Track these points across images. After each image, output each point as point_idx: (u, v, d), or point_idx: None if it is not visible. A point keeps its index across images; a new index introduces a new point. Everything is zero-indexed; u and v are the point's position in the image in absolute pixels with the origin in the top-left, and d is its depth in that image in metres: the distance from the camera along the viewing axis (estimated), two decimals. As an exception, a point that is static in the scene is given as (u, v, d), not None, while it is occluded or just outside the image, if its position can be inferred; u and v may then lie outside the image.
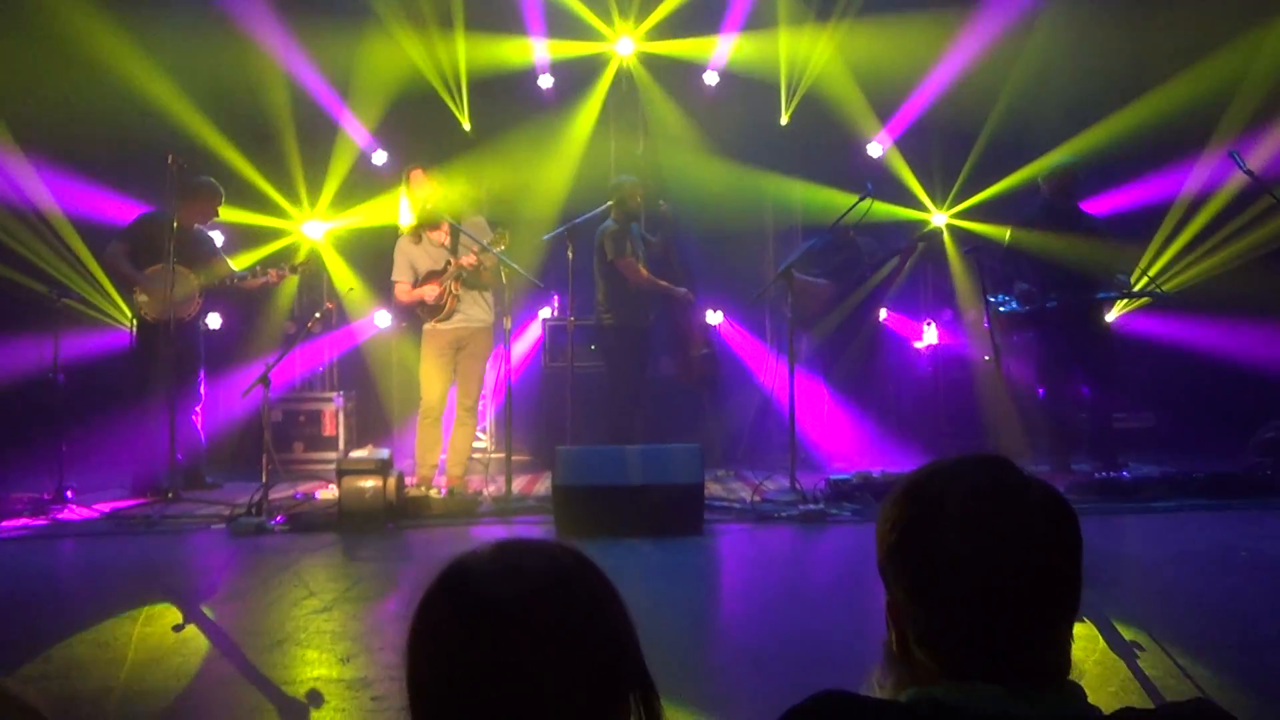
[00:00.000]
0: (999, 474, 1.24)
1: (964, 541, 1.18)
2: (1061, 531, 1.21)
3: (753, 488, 6.19)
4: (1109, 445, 6.72)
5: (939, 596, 1.20)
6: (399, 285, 6.47)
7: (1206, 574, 4.28)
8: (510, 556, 1.07)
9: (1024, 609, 1.16)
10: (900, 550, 1.23)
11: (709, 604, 4.01)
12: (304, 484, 6.77)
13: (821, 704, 1.16)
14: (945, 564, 1.19)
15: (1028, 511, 1.19)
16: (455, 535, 5.47)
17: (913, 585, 1.22)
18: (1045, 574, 1.17)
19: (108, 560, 4.92)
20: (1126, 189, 7.96)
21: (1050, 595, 1.18)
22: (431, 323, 6.43)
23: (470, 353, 6.45)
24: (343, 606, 3.84)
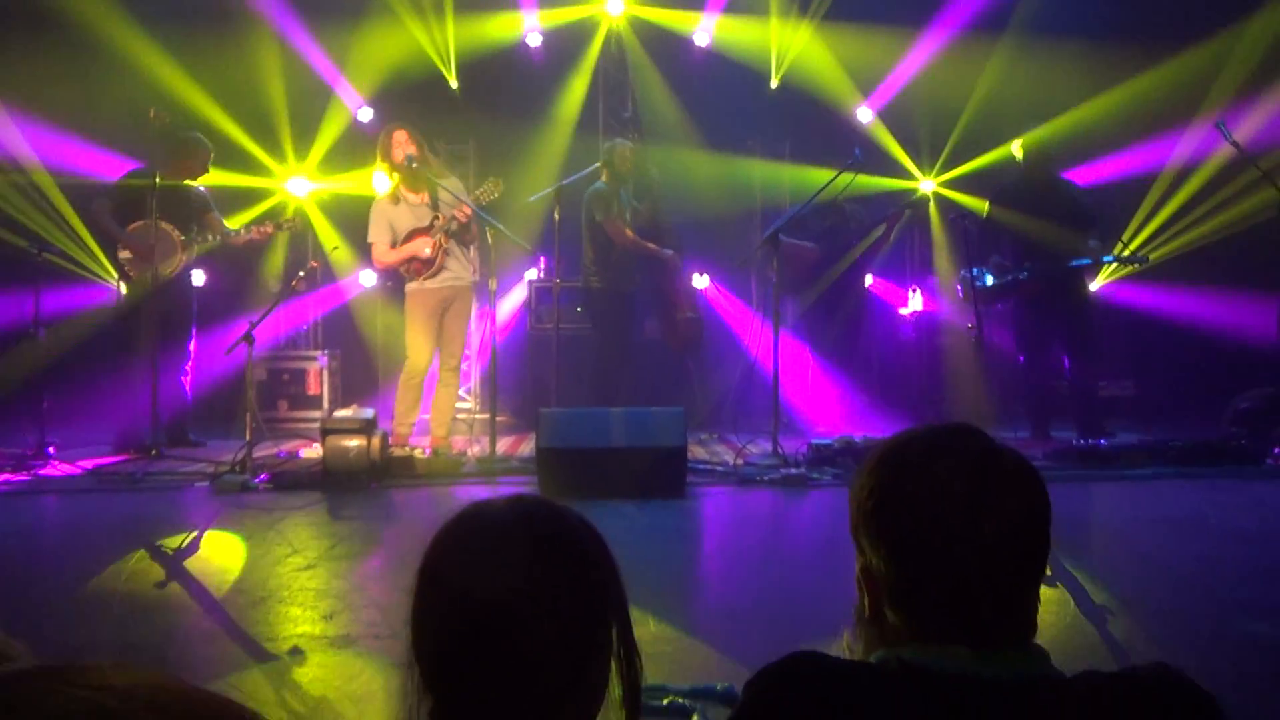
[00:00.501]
0: (971, 441, 1.27)
1: (938, 506, 1.21)
2: (1030, 497, 1.24)
3: (736, 451, 6.23)
4: (1094, 414, 6.79)
5: (911, 560, 1.23)
6: (377, 247, 6.38)
7: (1178, 541, 4.35)
8: (519, 503, 1.16)
9: (992, 572, 1.20)
10: (876, 514, 1.26)
11: (689, 564, 4.05)
12: (288, 443, 6.78)
13: (793, 664, 1.19)
14: (918, 528, 1.22)
15: (998, 477, 1.22)
16: (439, 495, 5.50)
17: (887, 548, 1.25)
18: (1014, 538, 1.20)
19: (90, 516, 4.93)
20: (1113, 158, 7.97)
21: (1018, 559, 1.21)
22: (419, 281, 6.36)
23: (455, 312, 6.43)
24: (326, 564, 3.87)
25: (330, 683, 2.65)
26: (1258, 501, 5.20)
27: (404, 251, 6.32)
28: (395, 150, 6.29)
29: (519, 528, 1.12)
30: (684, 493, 5.30)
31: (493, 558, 1.10)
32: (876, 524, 1.27)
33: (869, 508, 1.27)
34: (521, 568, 1.08)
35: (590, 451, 5.31)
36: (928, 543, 1.21)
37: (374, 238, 6.40)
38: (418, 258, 6.30)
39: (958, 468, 1.23)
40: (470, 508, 1.16)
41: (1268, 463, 5.94)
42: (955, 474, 1.22)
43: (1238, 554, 4.10)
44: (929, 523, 1.21)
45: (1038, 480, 1.26)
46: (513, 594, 1.07)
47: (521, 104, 8.69)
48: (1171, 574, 3.82)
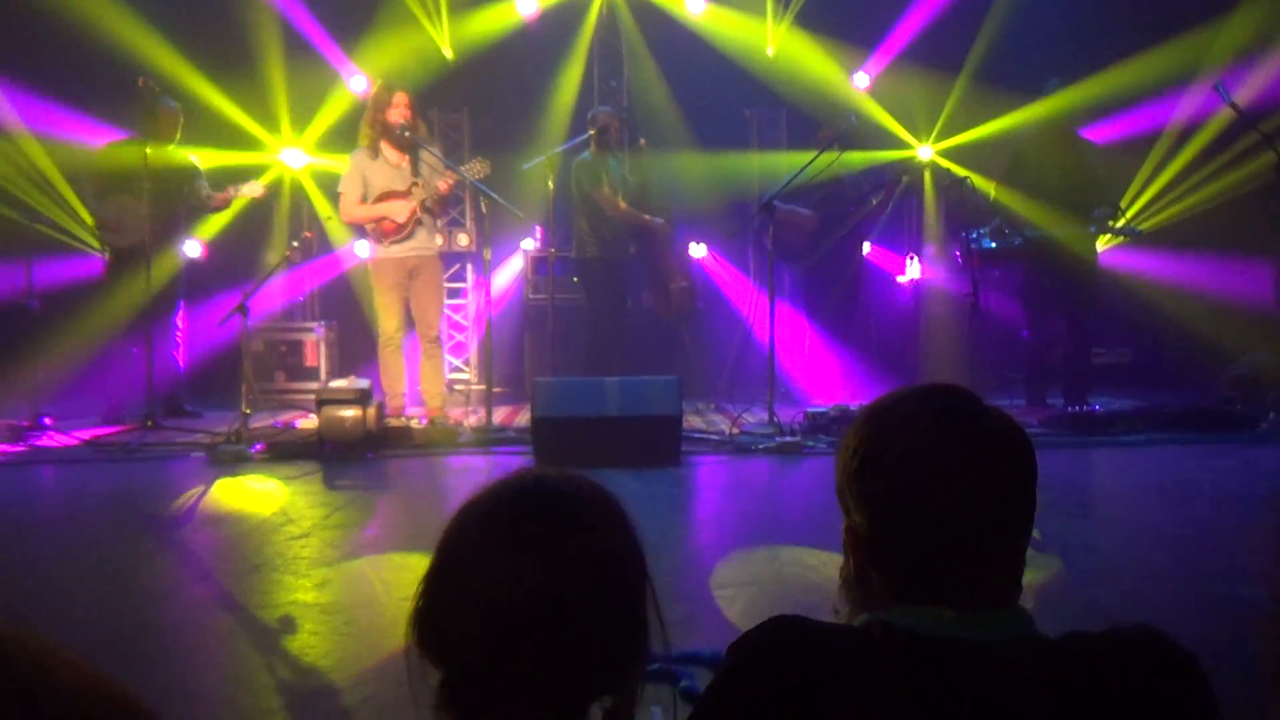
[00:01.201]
0: (957, 402, 1.26)
1: (922, 465, 1.20)
2: (1016, 458, 1.23)
3: (731, 420, 6.24)
4: (1082, 382, 6.78)
5: (895, 520, 1.22)
6: (346, 198, 6.25)
7: (1169, 506, 4.36)
8: (529, 483, 1.10)
9: (977, 533, 1.19)
10: (860, 474, 1.26)
11: (681, 532, 4.07)
12: (284, 413, 6.79)
13: (774, 629, 1.19)
14: (903, 487, 1.21)
15: (984, 437, 1.21)
16: (435, 464, 5.52)
17: (871, 509, 1.25)
18: (999, 499, 1.20)
19: (86, 486, 4.95)
20: (1113, 121, 7.91)
21: (1003, 520, 1.20)
22: (385, 245, 6.26)
23: (424, 282, 6.35)
24: (320, 533, 3.88)
25: (320, 650, 2.66)
26: (1250, 466, 5.21)
27: (377, 210, 6.21)
28: (392, 111, 6.18)
29: (536, 516, 1.06)
30: (679, 461, 5.32)
31: (512, 554, 1.03)
32: (859, 484, 1.26)
33: (852, 468, 1.27)
34: (543, 563, 1.02)
35: (585, 420, 5.32)
36: (910, 502, 1.21)
37: (344, 188, 6.28)
38: (390, 218, 6.20)
39: (940, 426, 1.22)
40: (482, 495, 1.09)
41: (1262, 427, 5.95)
42: (937, 433, 1.22)
43: (1228, 518, 4.12)
44: (911, 481, 1.21)
45: (1023, 440, 1.25)
46: (538, 591, 1.01)
47: (515, 72, 8.62)
48: (1161, 538, 3.83)
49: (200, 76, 7.83)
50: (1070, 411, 6.25)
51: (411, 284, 6.33)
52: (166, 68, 7.44)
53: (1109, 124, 7.86)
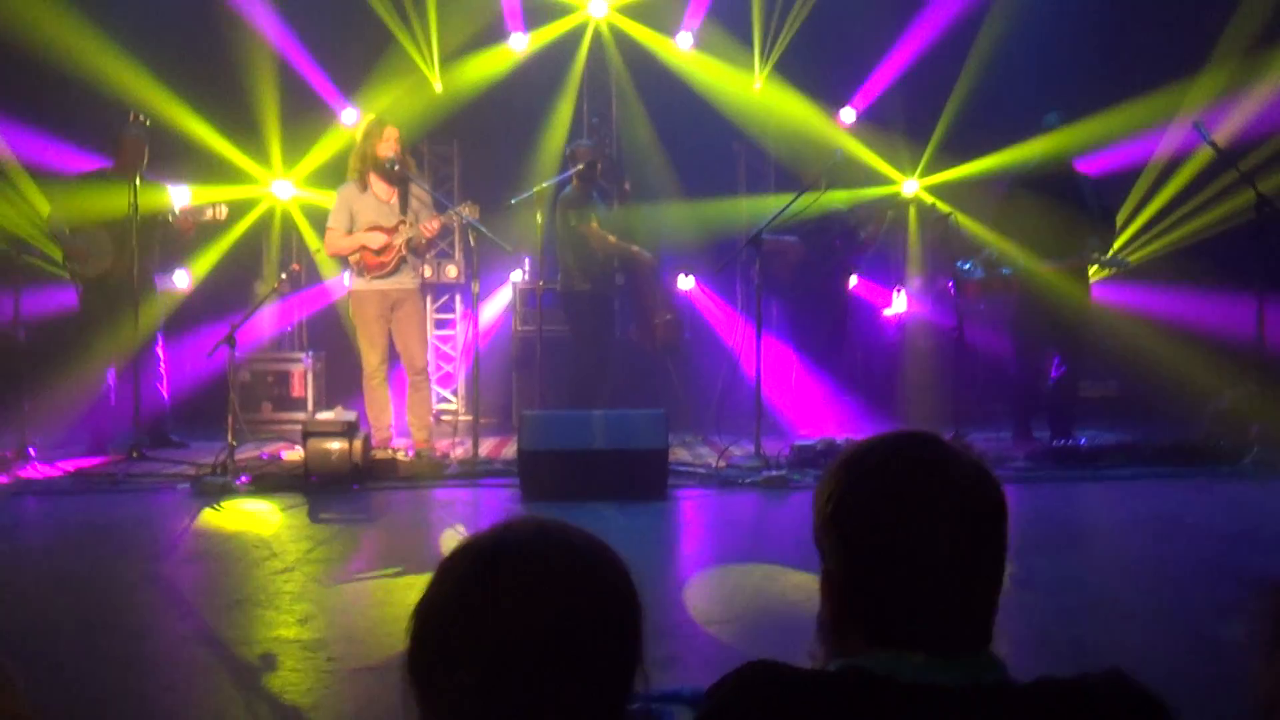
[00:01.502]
0: (928, 448, 1.28)
1: (891, 511, 1.23)
2: (986, 504, 1.26)
3: (718, 453, 6.25)
4: (1069, 416, 6.80)
5: (868, 565, 1.24)
6: (333, 231, 6.26)
7: (1152, 541, 4.38)
8: (519, 534, 1.07)
9: (947, 578, 1.21)
10: (835, 520, 1.28)
11: (666, 567, 4.06)
12: (271, 445, 6.77)
13: (749, 674, 1.20)
14: (873, 533, 1.23)
15: (953, 483, 1.24)
16: (421, 497, 5.51)
17: (845, 554, 1.27)
18: (968, 546, 1.22)
19: (69, 518, 4.92)
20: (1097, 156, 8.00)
21: (972, 566, 1.22)
22: (366, 279, 6.26)
23: (405, 315, 6.34)
24: (304, 568, 3.87)
25: (300, 688, 2.65)
26: (1232, 501, 5.24)
27: (358, 239, 6.20)
28: (381, 145, 6.20)
29: (527, 566, 1.03)
30: (665, 495, 5.31)
31: (503, 606, 1.01)
32: (834, 529, 1.28)
33: (827, 512, 1.29)
34: (532, 614, 1.01)
35: (571, 454, 5.32)
36: (883, 548, 1.23)
37: (332, 223, 6.29)
38: (369, 248, 6.19)
39: (913, 473, 1.25)
40: (473, 542, 1.07)
41: (1244, 462, 5.98)
42: (910, 479, 1.24)
43: (1210, 554, 4.13)
44: (884, 528, 1.23)
45: (994, 487, 1.28)
46: (527, 640, 1.00)
47: (506, 106, 8.69)
48: (1144, 575, 3.84)
49: (191, 109, 7.88)
50: (1055, 445, 6.27)
51: (394, 316, 6.33)
52: (157, 100, 7.48)
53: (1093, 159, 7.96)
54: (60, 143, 7.19)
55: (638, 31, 8.77)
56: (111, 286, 6.45)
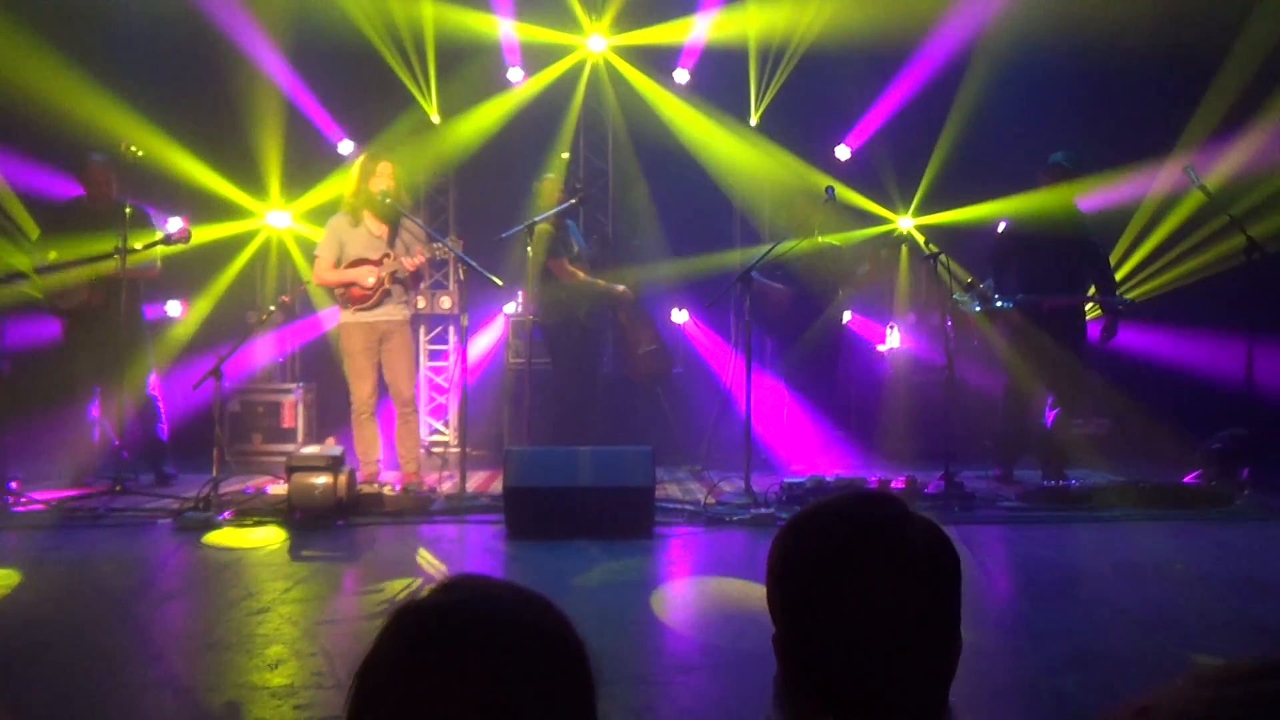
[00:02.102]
0: (878, 510, 1.26)
1: (836, 578, 1.20)
2: (934, 572, 1.22)
3: (708, 489, 6.21)
4: (1059, 455, 6.75)
5: (808, 631, 1.22)
6: (320, 261, 6.29)
7: (1141, 586, 4.33)
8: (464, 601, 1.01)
9: (892, 648, 1.18)
10: (781, 584, 1.25)
11: (647, 610, 4.01)
12: (256, 478, 6.73)
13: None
14: (817, 601, 1.20)
15: (901, 551, 1.21)
16: (405, 533, 5.46)
17: (788, 619, 1.24)
18: (913, 614, 1.19)
19: (47, 554, 4.86)
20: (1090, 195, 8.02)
21: (919, 634, 1.19)
22: (352, 311, 6.28)
23: (393, 347, 6.35)
24: (279, 608, 3.82)
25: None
26: (1223, 545, 5.19)
27: (345, 275, 6.24)
28: (375, 180, 6.25)
29: (465, 634, 0.98)
30: (651, 533, 5.27)
31: (444, 677, 0.96)
32: (778, 594, 1.26)
33: (774, 575, 1.27)
34: (477, 685, 0.96)
35: (557, 491, 5.28)
36: (824, 614, 1.20)
37: (320, 252, 6.33)
38: (358, 284, 6.23)
39: (857, 538, 1.22)
40: (407, 609, 1.01)
41: (1236, 505, 5.94)
42: (854, 544, 1.21)
43: (1200, 601, 4.08)
44: (825, 595, 1.20)
45: (945, 553, 1.25)
46: (475, 714, 0.95)
47: (502, 141, 8.73)
48: (1133, 622, 3.79)
49: (189, 140, 7.91)
50: (1047, 485, 6.23)
51: (382, 349, 6.34)
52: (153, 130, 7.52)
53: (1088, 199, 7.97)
54: (54, 174, 7.21)
55: (634, 69, 8.83)
56: (90, 318, 6.44)
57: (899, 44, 8.30)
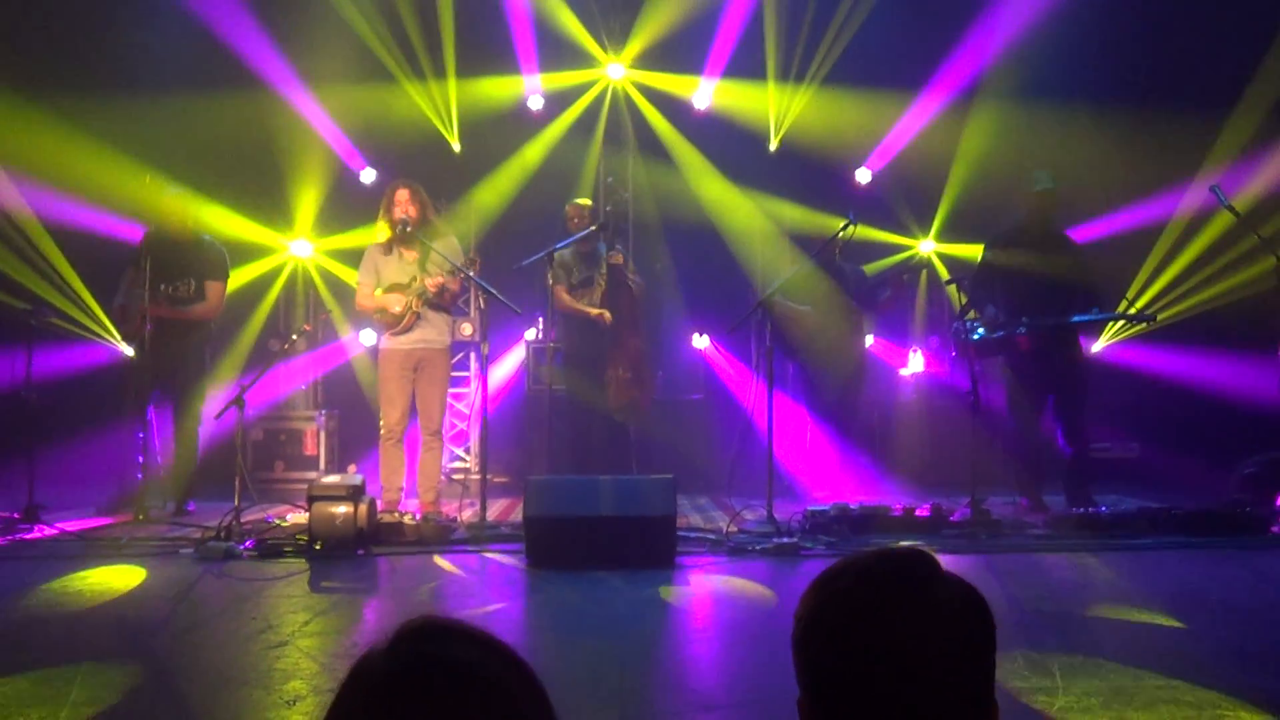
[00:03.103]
0: (908, 570, 1.21)
1: (861, 640, 1.15)
2: (966, 635, 1.18)
3: (730, 516, 6.15)
4: (1084, 482, 6.64)
5: (832, 696, 1.17)
6: (361, 289, 6.55)
7: (1176, 617, 4.22)
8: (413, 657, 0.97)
9: (919, 715, 1.14)
10: (803, 644, 1.21)
11: (668, 643, 3.95)
12: (277, 507, 6.74)
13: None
14: (842, 663, 1.16)
15: (931, 612, 1.16)
16: (426, 563, 5.44)
17: (810, 681, 1.20)
18: (943, 680, 1.14)
19: (69, 584, 4.87)
20: (1113, 216, 7.94)
21: (947, 704, 1.15)
22: (389, 336, 6.44)
23: (428, 376, 6.46)
24: (299, 642, 3.79)
25: (277, 782, 2.56)
26: (1258, 574, 5.07)
27: (377, 301, 6.47)
28: (394, 209, 6.41)
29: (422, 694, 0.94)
30: (673, 563, 5.22)
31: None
32: (802, 654, 1.21)
33: (797, 635, 1.22)
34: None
35: (577, 520, 5.24)
36: (848, 680, 1.16)
37: (361, 279, 6.59)
38: (388, 310, 6.41)
39: (885, 598, 1.18)
40: (360, 669, 0.98)
41: (1273, 530, 5.81)
42: (881, 606, 1.17)
43: (1232, 633, 3.97)
44: (850, 658, 1.15)
45: (977, 614, 1.20)
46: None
47: (522, 167, 8.77)
48: (1162, 656, 3.69)
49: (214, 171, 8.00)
50: (1076, 513, 6.12)
51: (417, 376, 6.44)
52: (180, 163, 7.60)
53: (1109, 219, 7.89)
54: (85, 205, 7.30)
55: (654, 95, 8.87)
56: (145, 349, 6.48)
57: (921, 65, 8.29)
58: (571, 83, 8.87)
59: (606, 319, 6.93)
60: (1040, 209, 6.67)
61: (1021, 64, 7.89)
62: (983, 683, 1.17)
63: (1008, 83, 7.99)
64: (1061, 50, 7.73)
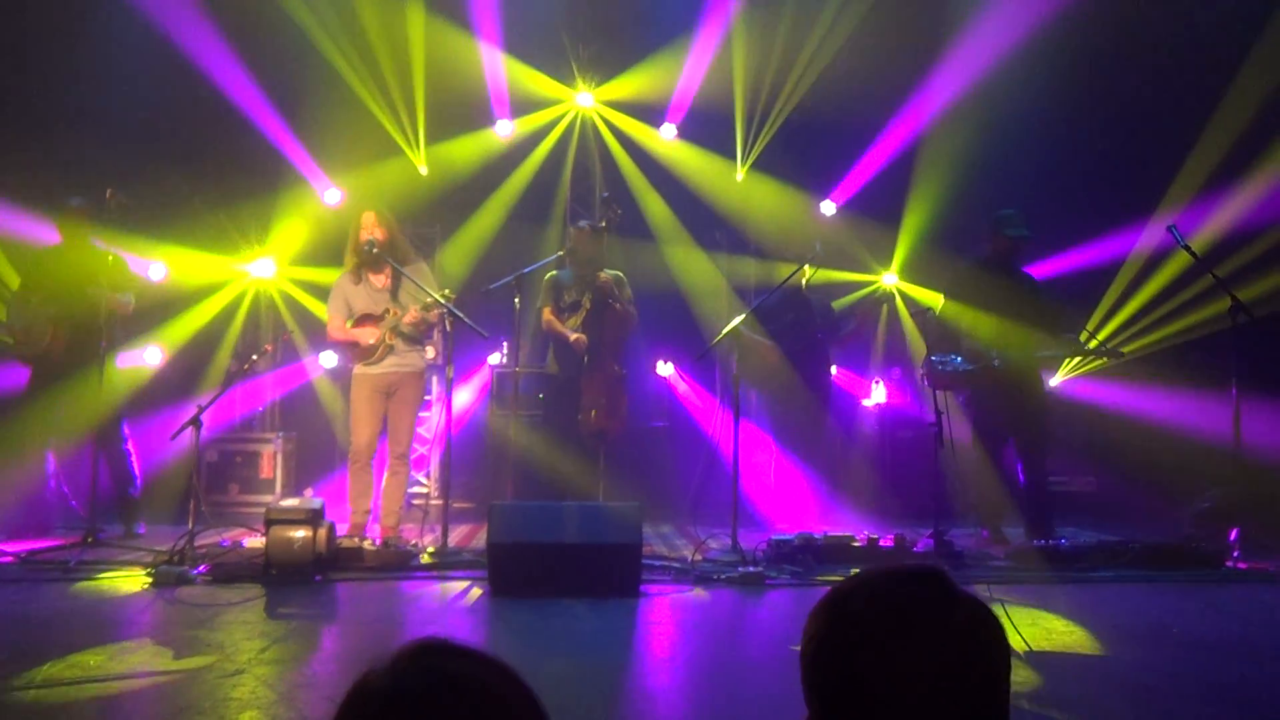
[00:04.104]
0: (922, 589, 1.19)
1: (873, 663, 1.13)
2: (986, 656, 1.16)
3: (695, 546, 6.11)
4: (1046, 514, 6.70)
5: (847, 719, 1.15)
6: (331, 321, 6.46)
7: (1139, 651, 4.26)
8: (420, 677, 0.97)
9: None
10: (815, 666, 1.18)
11: (635, 675, 3.90)
12: (233, 530, 6.58)
13: None
14: (855, 686, 1.13)
15: (950, 633, 1.14)
16: (386, 590, 5.34)
17: (821, 704, 1.17)
18: (964, 703, 1.12)
19: (12, 608, 4.70)
20: (1071, 252, 8.08)
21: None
22: (361, 365, 6.36)
23: (400, 399, 6.39)
24: (255, 670, 3.68)
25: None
26: (1217, 607, 5.14)
27: (349, 335, 6.40)
28: (361, 232, 6.32)
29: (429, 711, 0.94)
30: (638, 591, 5.16)
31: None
32: (814, 675, 1.19)
33: (808, 659, 1.20)
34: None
35: (541, 547, 5.17)
36: (861, 702, 1.13)
37: (330, 313, 6.50)
38: (359, 343, 6.36)
39: (902, 619, 1.15)
40: (359, 691, 0.98)
41: (1227, 565, 5.90)
42: (899, 626, 1.15)
43: (1200, 666, 4.01)
44: (866, 680, 1.13)
45: (997, 635, 1.18)
46: None
47: (489, 190, 8.76)
48: (1131, 691, 3.71)
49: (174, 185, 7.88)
50: (1037, 545, 6.17)
51: (389, 401, 6.40)
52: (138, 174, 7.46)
53: (1067, 255, 8.04)
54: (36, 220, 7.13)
55: (622, 123, 8.91)
56: (53, 365, 6.32)
57: (884, 101, 8.41)
58: (541, 109, 8.88)
59: (582, 343, 6.85)
60: (1009, 251, 6.72)
61: (981, 101, 8.04)
62: (1000, 703, 1.16)
63: (968, 118, 8.13)
64: (1020, 88, 7.89)
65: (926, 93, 8.27)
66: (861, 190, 8.82)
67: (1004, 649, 1.17)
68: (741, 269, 9.03)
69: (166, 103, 7.96)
